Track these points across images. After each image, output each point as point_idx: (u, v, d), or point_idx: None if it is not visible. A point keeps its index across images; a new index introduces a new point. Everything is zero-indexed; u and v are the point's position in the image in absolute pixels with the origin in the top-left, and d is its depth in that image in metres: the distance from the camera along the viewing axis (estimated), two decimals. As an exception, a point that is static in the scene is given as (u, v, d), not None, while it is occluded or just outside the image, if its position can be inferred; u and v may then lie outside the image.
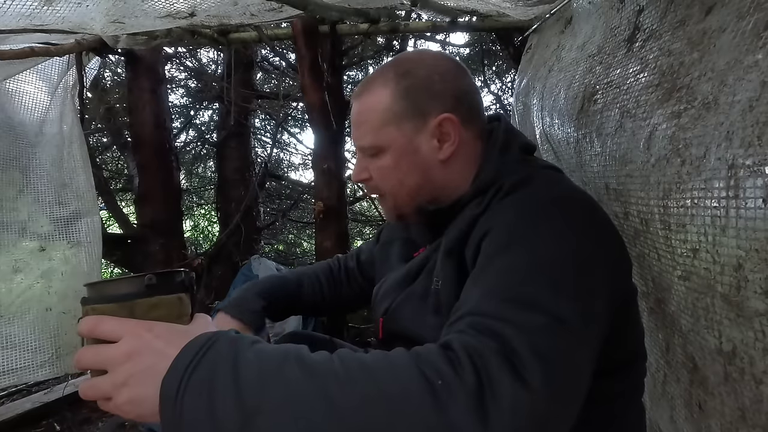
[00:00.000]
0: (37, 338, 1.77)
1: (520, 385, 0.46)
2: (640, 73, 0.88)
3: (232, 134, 3.75)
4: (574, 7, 1.35)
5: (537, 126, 1.52)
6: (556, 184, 0.75)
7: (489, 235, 0.66)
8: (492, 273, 0.60)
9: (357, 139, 0.82)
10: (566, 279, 0.57)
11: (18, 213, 1.79)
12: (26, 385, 2.51)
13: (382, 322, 0.86)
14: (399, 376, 0.47)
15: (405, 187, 0.81)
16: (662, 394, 0.98)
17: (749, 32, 0.61)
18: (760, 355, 0.60)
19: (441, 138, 0.79)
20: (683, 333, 0.81)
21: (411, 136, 0.78)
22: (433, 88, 0.78)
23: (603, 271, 0.62)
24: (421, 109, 0.78)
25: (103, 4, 1.31)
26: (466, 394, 0.45)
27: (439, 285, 0.75)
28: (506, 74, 4.83)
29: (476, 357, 0.48)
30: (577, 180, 1.24)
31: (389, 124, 0.78)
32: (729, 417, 0.70)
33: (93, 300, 0.55)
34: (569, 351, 0.52)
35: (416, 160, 0.79)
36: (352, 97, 0.85)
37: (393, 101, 0.78)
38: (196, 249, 4.95)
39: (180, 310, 0.57)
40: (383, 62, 4.64)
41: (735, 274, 0.61)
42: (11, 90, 1.82)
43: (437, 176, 0.80)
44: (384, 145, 0.79)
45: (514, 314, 0.52)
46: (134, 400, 0.49)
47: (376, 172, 0.82)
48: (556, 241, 0.61)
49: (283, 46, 4.07)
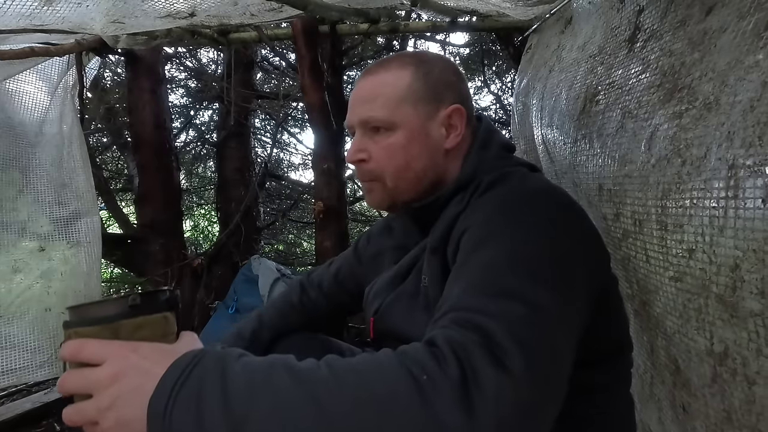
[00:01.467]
0: (37, 338, 1.77)
1: (502, 372, 0.47)
2: (642, 74, 0.88)
3: (232, 134, 3.75)
4: (574, 7, 1.35)
5: (536, 126, 1.52)
6: (531, 180, 0.76)
7: (468, 231, 0.67)
8: (472, 267, 0.61)
9: (365, 113, 0.79)
10: (543, 269, 0.58)
11: (18, 213, 1.79)
12: (26, 385, 2.50)
13: (373, 322, 0.87)
14: (386, 377, 0.47)
15: (411, 170, 0.80)
16: (650, 396, 0.98)
17: (750, 32, 0.61)
18: (753, 356, 0.60)
19: (449, 128, 0.80)
20: (668, 335, 0.81)
21: (424, 119, 0.79)
22: (449, 80, 0.81)
23: (580, 261, 0.63)
24: (437, 95, 0.79)
25: (103, 4, 1.31)
26: (451, 387, 0.46)
27: (427, 282, 0.76)
28: (506, 74, 4.83)
29: (460, 350, 0.49)
30: (568, 181, 1.24)
31: (406, 102, 0.78)
32: (714, 419, 0.70)
33: (75, 323, 0.53)
34: (549, 337, 0.53)
35: (426, 144, 0.79)
36: (362, 75, 0.83)
37: (413, 81, 0.79)
38: (196, 249, 4.95)
39: (165, 329, 0.55)
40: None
41: (731, 274, 0.62)
42: (11, 90, 1.82)
43: (440, 165, 0.81)
44: (398, 122, 0.78)
45: (494, 306, 0.53)
46: (121, 423, 0.48)
47: (383, 150, 0.79)
48: (533, 233, 0.63)
49: (283, 46, 4.07)
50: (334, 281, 1.10)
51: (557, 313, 0.55)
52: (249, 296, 2.56)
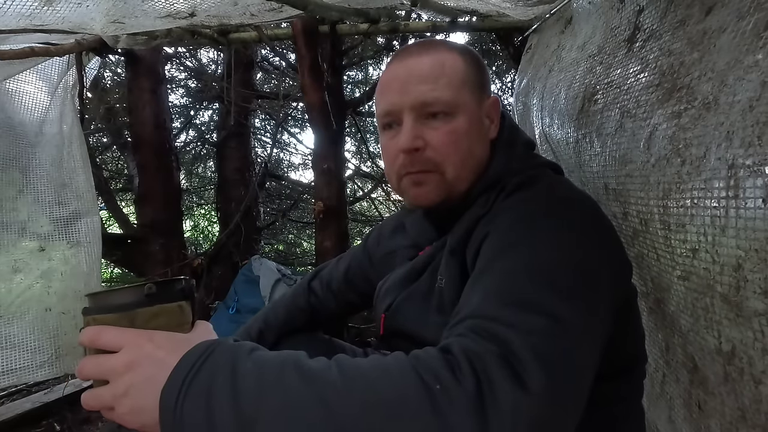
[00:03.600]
0: (37, 338, 1.77)
1: (520, 388, 0.46)
2: (641, 73, 0.88)
3: (232, 134, 3.75)
4: (574, 7, 1.35)
5: (536, 126, 1.52)
6: (558, 186, 0.74)
7: (489, 236, 0.66)
8: (492, 275, 0.60)
9: (429, 92, 0.72)
10: (566, 280, 0.57)
11: (18, 213, 1.78)
12: (26, 385, 2.51)
13: (384, 319, 0.86)
14: (397, 382, 0.47)
15: (474, 158, 0.76)
16: (660, 394, 0.98)
17: (749, 32, 0.61)
18: (759, 355, 0.60)
19: (490, 118, 0.79)
20: (683, 333, 0.81)
21: (478, 105, 0.77)
22: (487, 71, 0.81)
23: (604, 273, 0.62)
24: (484, 84, 0.79)
25: (103, 4, 1.31)
26: (467, 399, 0.45)
27: (443, 284, 0.74)
28: (506, 74, 4.83)
29: (476, 361, 0.47)
30: (575, 180, 1.24)
31: (466, 86, 0.75)
32: (729, 417, 0.70)
33: (94, 310, 0.55)
34: (570, 352, 0.51)
35: (481, 131, 0.77)
36: (410, 53, 0.76)
37: (467, 66, 0.76)
38: (196, 249, 4.95)
39: (180, 318, 0.56)
40: (383, 61, 4.62)
41: (734, 274, 0.61)
42: (11, 90, 1.81)
43: (488, 155, 0.79)
44: (461, 104, 0.74)
45: (514, 317, 0.51)
46: (135, 411, 0.49)
47: (446, 136, 0.73)
48: (556, 242, 0.61)
49: (283, 46, 4.07)
50: (344, 280, 1.08)
51: (579, 325, 0.54)
52: (249, 297, 2.57)
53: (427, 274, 0.81)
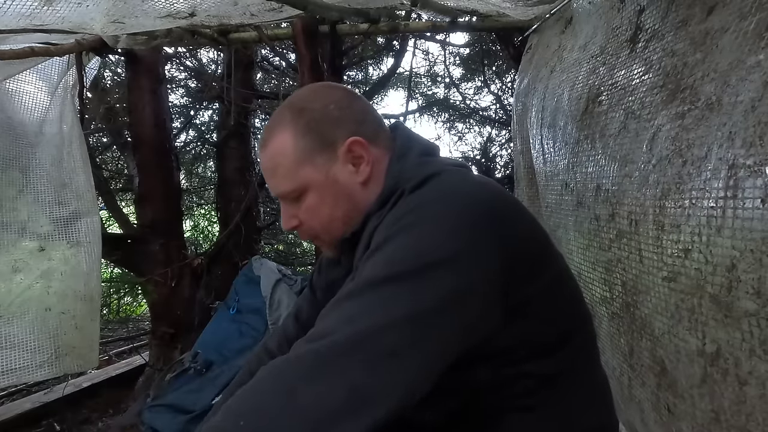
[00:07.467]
0: (37, 338, 1.77)
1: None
2: (645, 74, 0.88)
3: (232, 134, 3.74)
4: (574, 7, 1.35)
5: (534, 127, 1.52)
6: (446, 183, 0.72)
7: (372, 248, 0.68)
8: (349, 285, 0.64)
9: (275, 188, 0.81)
10: (407, 288, 0.59)
11: (18, 213, 1.78)
12: (26, 385, 2.51)
13: None
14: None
15: (336, 220, 0.81)
16: (630, 398, 0.98)
17: (751, 32, 0.61)
18: (746, 356, 0.60)
19: (354, 161, 0.79)
20: (655, 336, 0.81)
21: (326, 168, 0.78)
22: (332, 116, 0.79)
23: (480, 269, 0.61)
24: (327, 139, 0.78)
25: (103, 4, 1.31)
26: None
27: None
28: (506, 74, 4.82)
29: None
30: (558, 182, 1.24)
31: (302, 163, 0.78)
32: (701, 420, 0.70)
33: None
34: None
35: (339, 190, 0.79)
36: (259, 151, 0.84)
37: (297, 140, 0.77)
38: (196, 249, 4.95)
39: None
40: (383, 62, 4.58)
41: (727, 274, 0.62)
42: (11, 90, 1.82)
43: (362, 199, 0.80)
44: (304, 185, 0.79)
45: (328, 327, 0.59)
46: None
47: (305, 214, 0.81)
48: (412, 246, 0.62)
49: (283, 46, 4.07)
50: (298, 324, 1.07)
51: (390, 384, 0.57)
52: (250, 297, 2.56)
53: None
